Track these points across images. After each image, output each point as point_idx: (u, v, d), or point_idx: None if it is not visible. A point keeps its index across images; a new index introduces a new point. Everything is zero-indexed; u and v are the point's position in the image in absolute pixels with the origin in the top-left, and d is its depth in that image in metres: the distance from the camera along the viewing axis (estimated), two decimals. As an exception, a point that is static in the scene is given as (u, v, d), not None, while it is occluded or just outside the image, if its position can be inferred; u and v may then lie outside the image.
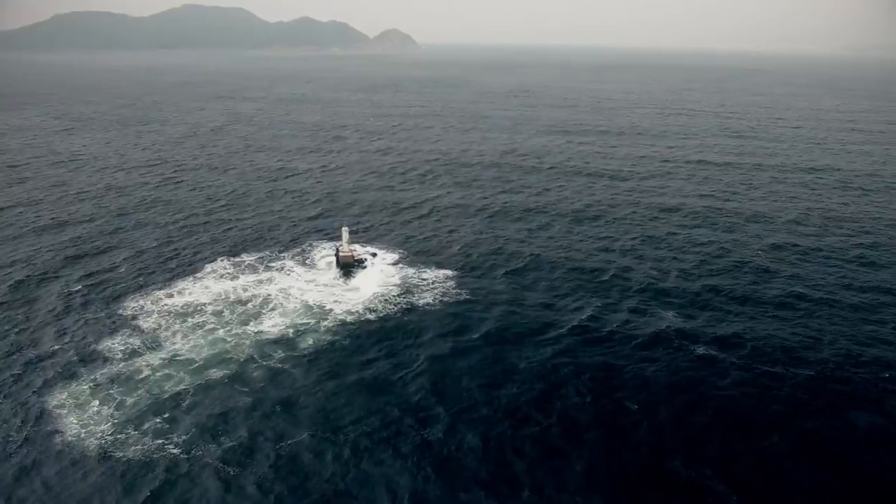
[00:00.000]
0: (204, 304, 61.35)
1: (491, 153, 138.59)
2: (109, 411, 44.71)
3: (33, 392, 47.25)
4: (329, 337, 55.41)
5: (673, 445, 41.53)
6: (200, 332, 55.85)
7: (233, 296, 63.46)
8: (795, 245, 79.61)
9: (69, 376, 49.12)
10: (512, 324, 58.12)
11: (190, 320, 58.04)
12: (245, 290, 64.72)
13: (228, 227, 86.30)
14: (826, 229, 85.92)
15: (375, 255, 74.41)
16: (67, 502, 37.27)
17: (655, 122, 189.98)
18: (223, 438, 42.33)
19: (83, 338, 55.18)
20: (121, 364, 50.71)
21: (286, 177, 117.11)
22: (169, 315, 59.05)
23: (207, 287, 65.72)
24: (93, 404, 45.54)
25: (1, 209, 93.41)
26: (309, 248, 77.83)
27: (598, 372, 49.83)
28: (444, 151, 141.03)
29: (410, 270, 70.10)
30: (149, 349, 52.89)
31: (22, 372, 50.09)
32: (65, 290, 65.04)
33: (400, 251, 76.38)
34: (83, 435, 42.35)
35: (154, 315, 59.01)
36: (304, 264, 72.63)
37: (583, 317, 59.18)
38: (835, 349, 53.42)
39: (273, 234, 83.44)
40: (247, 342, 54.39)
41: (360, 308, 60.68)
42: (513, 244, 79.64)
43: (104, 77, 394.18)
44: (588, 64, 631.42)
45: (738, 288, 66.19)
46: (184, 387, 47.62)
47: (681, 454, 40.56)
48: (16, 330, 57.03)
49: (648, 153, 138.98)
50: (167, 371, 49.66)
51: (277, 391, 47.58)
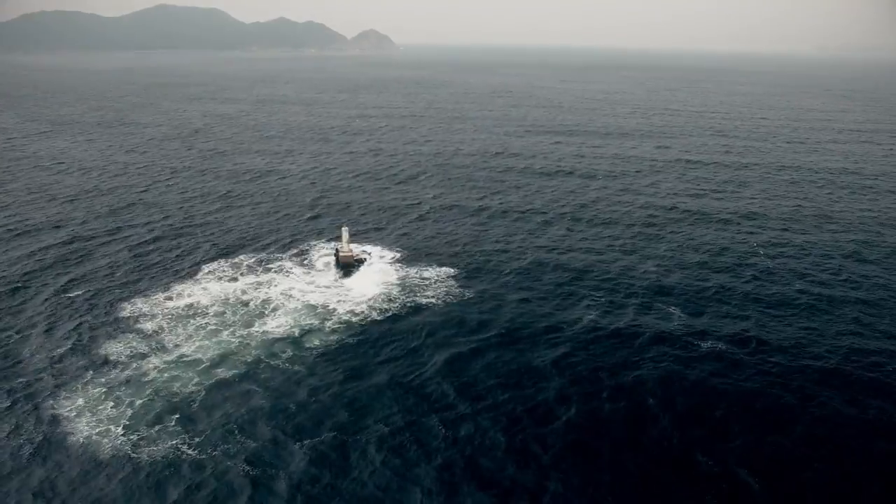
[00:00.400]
0: (205, 306, 60.93)
1: (482, 153, 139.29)
2: (124, 414, 44.38)
3: (44, 398, 46.61)
4: (336, 337, 55.46)
5: (694, 436, 42.62)
6: (204, 334, 55.56)
7: (233, 297, 63.13)
8: (793, 241, 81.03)
9: (78, 381, 48.51)
10: (520, 322, 58.53)
11: (192, 322, 57.63)
12: (245, 292, 64.41)
13: (223, 229, 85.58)
14: (821, 226, 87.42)
15: (374, 255, 74.51)
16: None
17: (641, 123, 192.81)
18: (244, 438, 42.29)
19: (87, 342, 54.50)
20: (128, 367, 50.27)
21: (278, 178, 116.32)
22: (171, 318, 58.55)
23: (206, 289, 65.24)
24: (105, 407, 45.18)
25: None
26: (307, 249, 77.63)
27: (612, 368, 50.60)
28: (435, 152, 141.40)
29: (411, 270, 70.33)
30: (154, 352, 52.47)
31: (30, 379, 49.29)
32: (63, 295, 64.04)
33: (399, 251, 76.56)
34: (101, 438, 42.02)
35: (156, 318, 58.46)
36: (303, 265, 72.44)
37: (590, 315, 59.85)
38: (838, 343, 54.77)
39: (269, 235, 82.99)
40: (252, 343, 54.25)
41: (365, 308, 60.77)
42: (512, 243, 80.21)
43: (78, 78, 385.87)
44: (562, 63, 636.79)
45: (740, 284, 67.23)
46: (194, 388, 47.45)
47: (702, 445, 41.68)
48: (17, 336, 56.02)
49: (638, 154, 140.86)
50: (176, 372, 49.39)
51: (291, 391, 47.55)
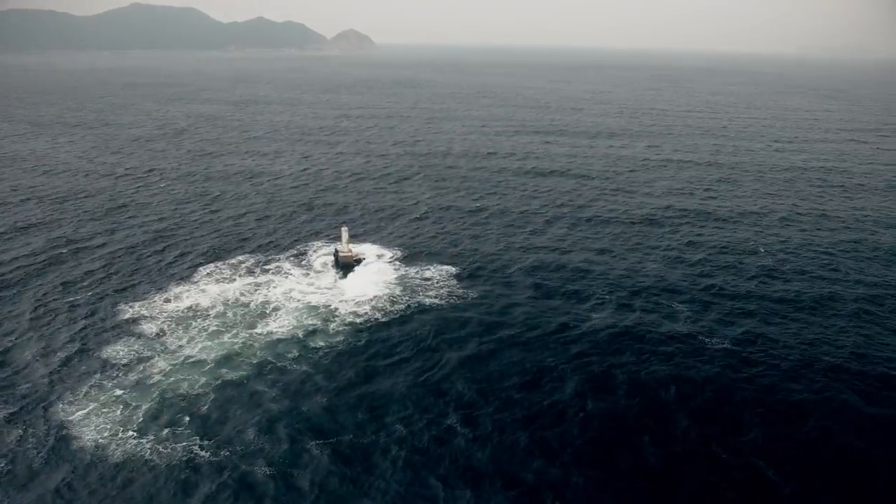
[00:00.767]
0: (205, 308, 60.25)
1: (473, 154, 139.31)
2: (135, 417, 43.72)
3: (51, 403, 45.68)
4: (340, 338, 55.17)
5: (710, 430, 43.31)
6: (207, 335, 54.95)
7: (233, 299, 62.53)
8: (795, 239, 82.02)
9: (84, 385, 47.63)
10: (530, 322, 58.51)
11: (194, 324, 56.96)
12: (245, 293, 63.82)
13: (219, 230, 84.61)
14: (821, 224, 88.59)
15: (374, 255, 74.31)
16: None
17: (630, 123, 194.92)
18: (261, 439, 41.87)
19: (89, 346, 53.54)
20: (134, 370, 49.53)
21: (270, 179, 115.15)
22: (171, 320, 57.80)
23: (205, 291, 64.50)
24: (115, 410, 44.50)
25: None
26: (304, 250, 77.15)
27: (626, 367, 50.95)
28: (426, 152, 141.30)
29: (412, 270, 70.24)
30: (158, 354, 51.76)
31: (35, 384, 48.24)
32: (61, 299, 62.77)
33: (398, 250, 76.43)
34: (114, 442, 41.35)
35: (157, 321, 57.66)
36: (302, 265, 71.98)
37: (599, 315, 59.98)
38: (845, 341, 55.72)
39: (265, 237, 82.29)
40: (256, 344, 53.80)
41: (368, 308, 60.58)
42: (513, 243, 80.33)
43: (53, 78, 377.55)
44: (547, 64, 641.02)
45: (743, 282, 67.96)
46: (202, 389, 46.92)
47: (718, 438, 42.43)
48: (18, 341, 54.83)
49: (632, 154, 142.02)
50: (182, 374, 48.81)
51: (302, 392, 47.23)
